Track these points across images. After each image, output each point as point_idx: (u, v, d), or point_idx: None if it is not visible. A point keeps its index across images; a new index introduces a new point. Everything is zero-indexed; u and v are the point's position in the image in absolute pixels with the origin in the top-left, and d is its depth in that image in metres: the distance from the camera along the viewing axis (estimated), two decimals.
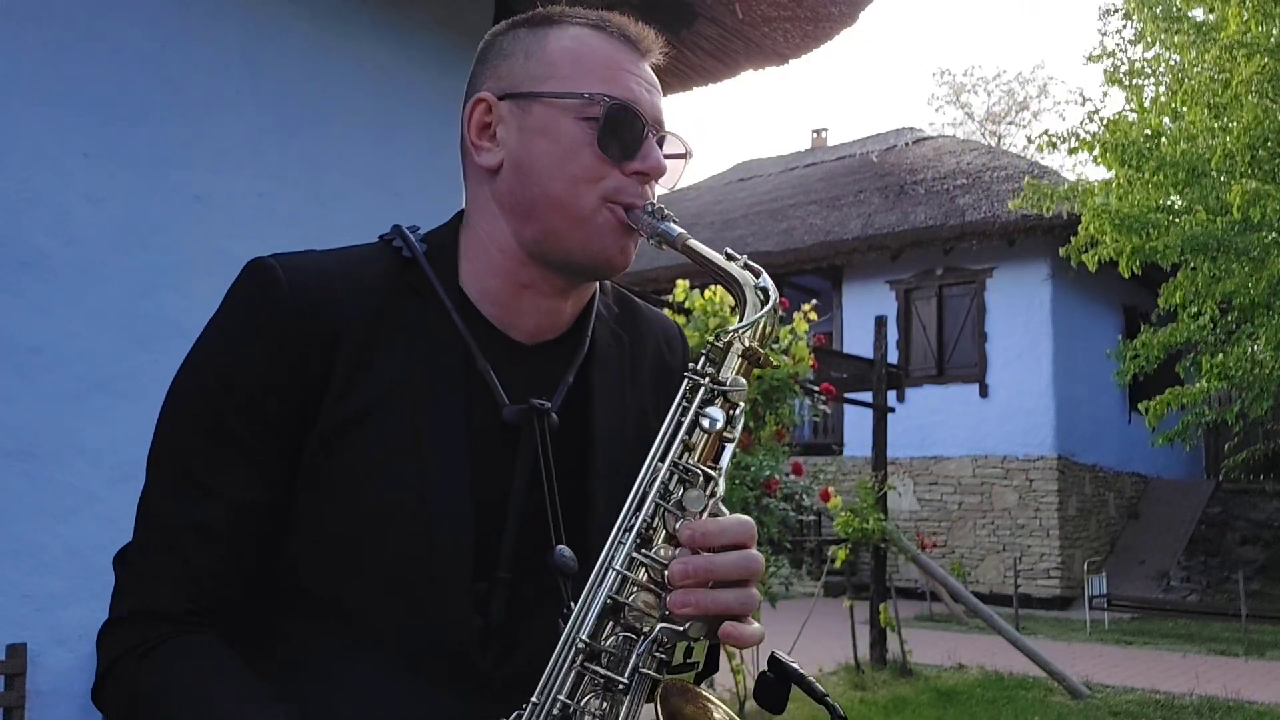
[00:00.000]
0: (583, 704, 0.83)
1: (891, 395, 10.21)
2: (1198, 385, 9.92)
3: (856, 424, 13.23)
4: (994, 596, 11.77)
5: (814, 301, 6.49)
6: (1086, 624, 11.04)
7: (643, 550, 0.86)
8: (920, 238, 13.61)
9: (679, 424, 0.89)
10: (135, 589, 0.93)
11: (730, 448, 0.91)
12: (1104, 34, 10.94)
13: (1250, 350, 9.46)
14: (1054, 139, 9.99)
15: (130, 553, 0.94)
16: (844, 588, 9.48)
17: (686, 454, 0.89)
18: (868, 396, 9.21)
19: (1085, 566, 12.46)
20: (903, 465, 13.44)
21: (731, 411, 0.90)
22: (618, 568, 0.86)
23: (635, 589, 0.85)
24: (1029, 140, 10.55)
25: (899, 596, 8.82)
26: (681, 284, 6.03)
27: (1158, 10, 10.13)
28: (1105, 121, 9.79)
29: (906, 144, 16.67)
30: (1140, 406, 10.33)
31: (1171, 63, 10.23)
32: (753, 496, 5.53)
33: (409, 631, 0.91)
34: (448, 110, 4.26)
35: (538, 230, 0.97)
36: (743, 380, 0.91)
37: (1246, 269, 9.21)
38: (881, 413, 8.91)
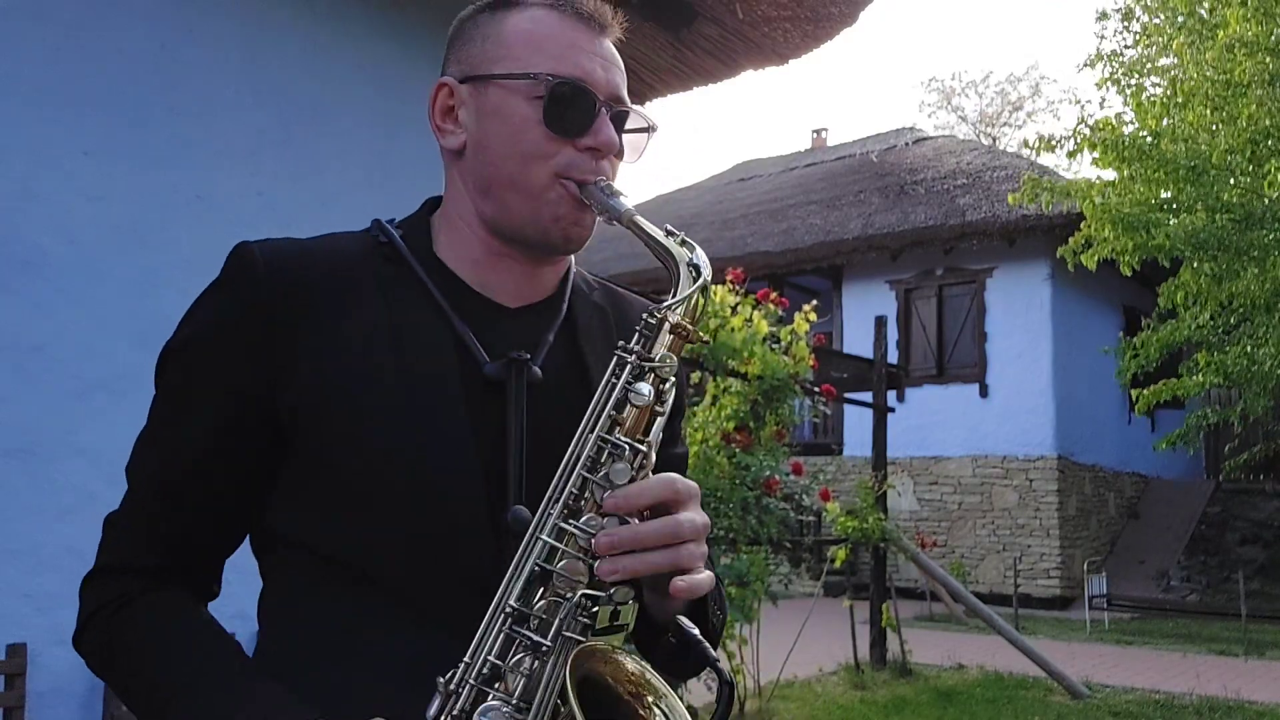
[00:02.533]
0: (511, 664, 0.85)
1: (891, 395, 10.20)
2: (1195, 379, 9.90)
3: (856, 424, 13.23)
4: (994, 596, 11.76)
5: (814, 302, 6.49)
6: (1086, 624, 11.04)
7: (570, 520, 0.88)
8: (920, 238, 13.60)
9: (607, 399, 0.91)
10: (112, 544, 1.00)
11: (660, 421, 0.93)
12: (1101, 37, 10.93)
13: (1250, 350, 9.45)
14: (1050, 143, 9.96)
15: (113, 510, 1.01)
16: (844, 588, 9.48)
17: (615, 428, 0.91)
18: (868, 396, 9.20)
19: (1085, 566, 12.46)
20: (903, 465, 13.43)
21: (661, 386, 0.92)
22: (544, 537, 0.88)
23: (564, 557, 0.87)
24: (1025, 144, 10.51)
25: (899, 596, 8.82)
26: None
27: (1159, 9, 10.13)
28: (1102, 123, 9.76)
29: (906, 144, 16.67)
30: (1133, 394, 10.31)
31: (1171, 62, 10.23)
32: (753, 496, 5.53)
33: (426, 584, 0.93)
34: None
35: (495, 208, 1.01)
36: (673, 356, 0.94)
37: (1250, 269, 9.20)
38: (881, 413, 8.90)
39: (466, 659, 0.86)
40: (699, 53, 4.73)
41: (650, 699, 0.88)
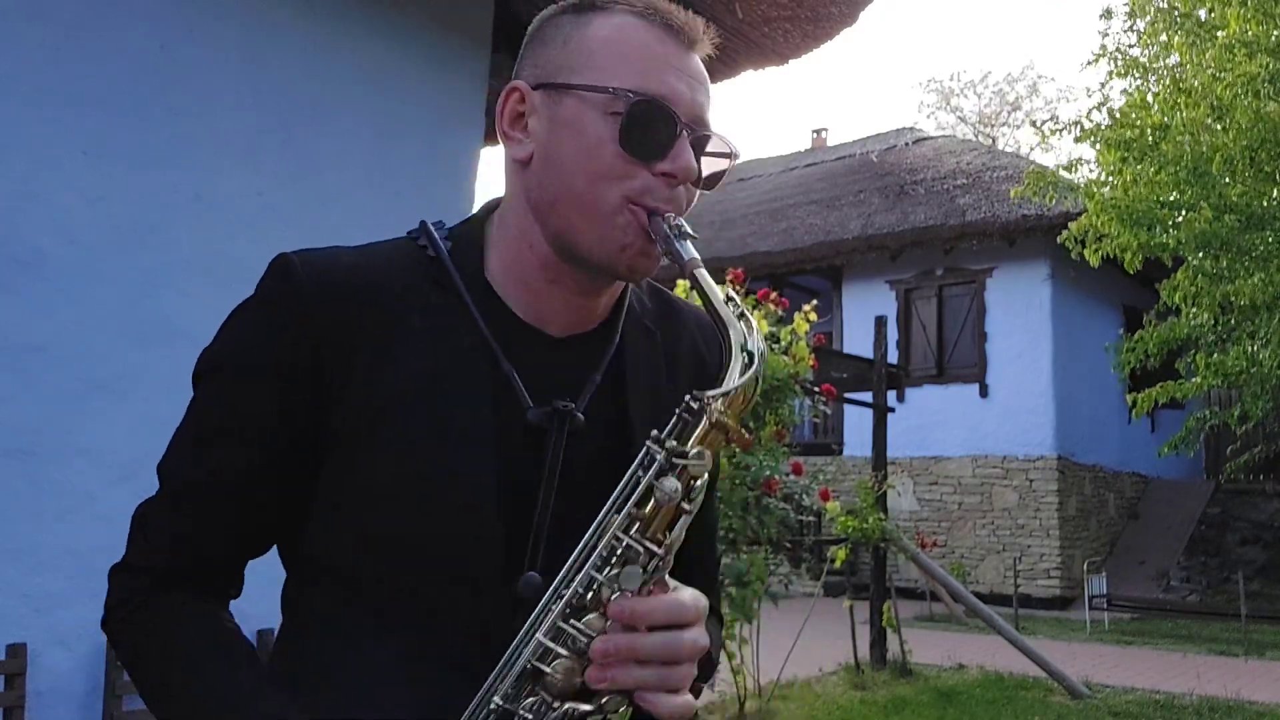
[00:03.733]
0: None
1: (891, 395, 10.21)
2: (1193, 381, 9.90)
3: (856, 424, 13.23)
4: (994, 596, 11.76)
5: (814, 302, 6.49)
6: (1086, 624, 11.03)
7: (571, 620, 0.84)
8: (920, 238, 13.60)
9: (630, 493, 0.86)
10: (140, 541, 0.97)
11: (686, 520, 0.86)
12: (1105, 35, 10.90)
13: (1250, 350, 9.44)
14: (1058, 127, 9.96)
15: (146, 503, 0.99)
16: (844, 588, 9.48)
17: (634, 525, 0.85)
18: (868, 396, 9.20)
19: (1085, 566, 12.46)
20: (903, 465, 13.43)
21: (691, 483, 0.85)
22: (541, 637, 0.84)
23: (558, 659, 0.84)
24: (1033, 125, 10.49)
25: (899, 596, 8.82)
26: (681, 284, 6.01)
27: (1160, 9, 10.13)
28: (1111, 112, 9.76)
29: (906, 144, 16.67)
30: (1129, 398, 10.30)
31: (1172, 62, 10.22)
32: (753, 496, 5.53)
33: (434, 631, 0.92)
34: (448, 110, 4.29)
35: (559, 226, 0.95)
36: (707, 454, 0.86)
37: (1251, 270, 9.20)
38: (881, 413, 8.90)
39: None
40: None
41: None
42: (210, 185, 3.38)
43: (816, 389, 6.40)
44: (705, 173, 0.98)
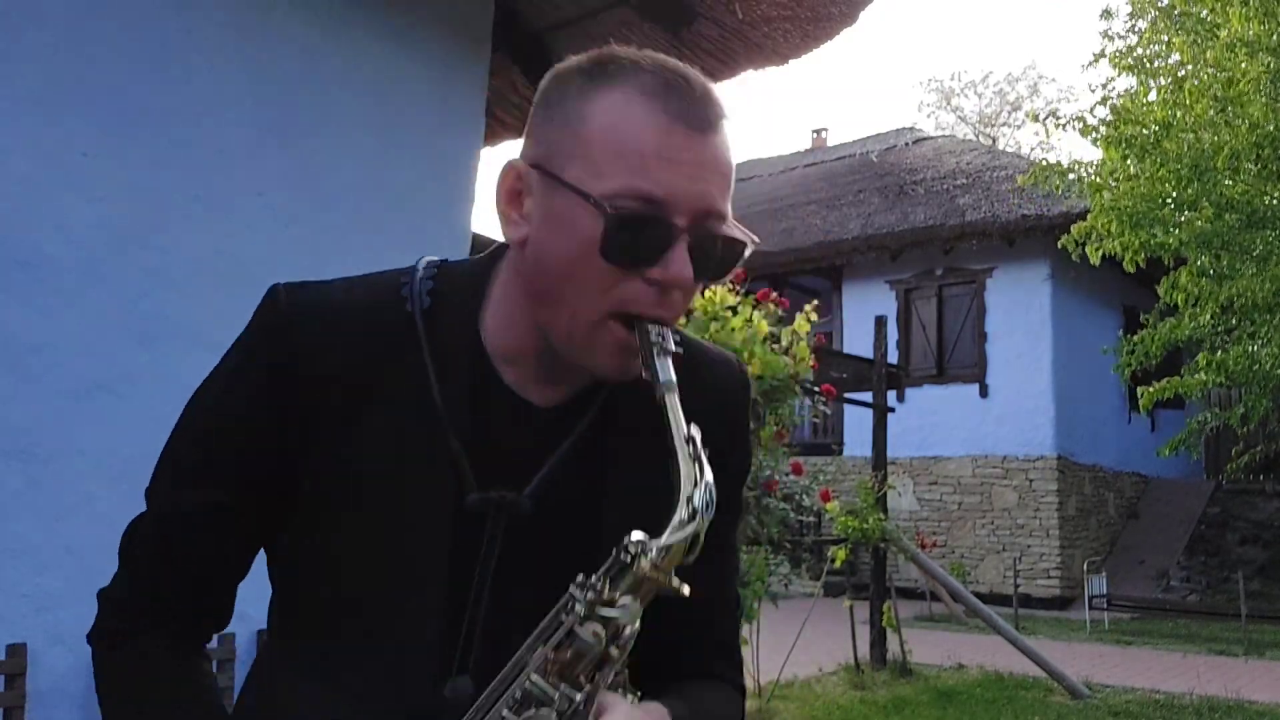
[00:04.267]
0: None
1: (891, 395, 10.21)
2: (1196, 378, 9.90)
3: (856, 424, 13.23)
4: (994, 596, 11.76)
5: (814, 302, 6.48)
6: (1086, 624, 11.03)
7: None
8: (920, 238, 13.61)
9: (550, 634, 0.81)
10: (123, 565, 0.99)
11: (612, 668, 0.81)
12: (1108, 36, 10.88)
13: (1251, 350, 9.44)
14: (1060, 121, 9.96)
15: (136, 524, 1.00)
16: (844, 588, 9.48)
17: (551, 668, 0.80)
18: (868, 396, 9.20)
19: (1085, 566, 12.45)
20: (903, 465, 13.43)
21: (620, 631, 0.80)
22: None
23: None
24: (1034, 118, 10.48)
25: (899, 596, 8.82)
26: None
27: (1161, 8, 10.13)
28: (1116, 106, 9.75)
29: (906, 144, 16.67)
30: (1138, 390, 10.29)
31: (1173, 61, 10.23)
32: (753, 496, 5.53)
33: (370, 700, 0.90)
34: (447, 110, 4.28)
35: (543, 322, 0.91)
36: (636, 605, 0.80)
37: (1251, 270, 9.20)
38: (881, 413, 8.90)
39: None
40: (699, 53, 4.73)
41: None
42: (211, 186, 3.38)
43: (816, 389, 6.39)
44: (721, 254, 0.90)
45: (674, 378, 0.84)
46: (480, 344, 0.94)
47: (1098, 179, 9.97)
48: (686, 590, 0.80)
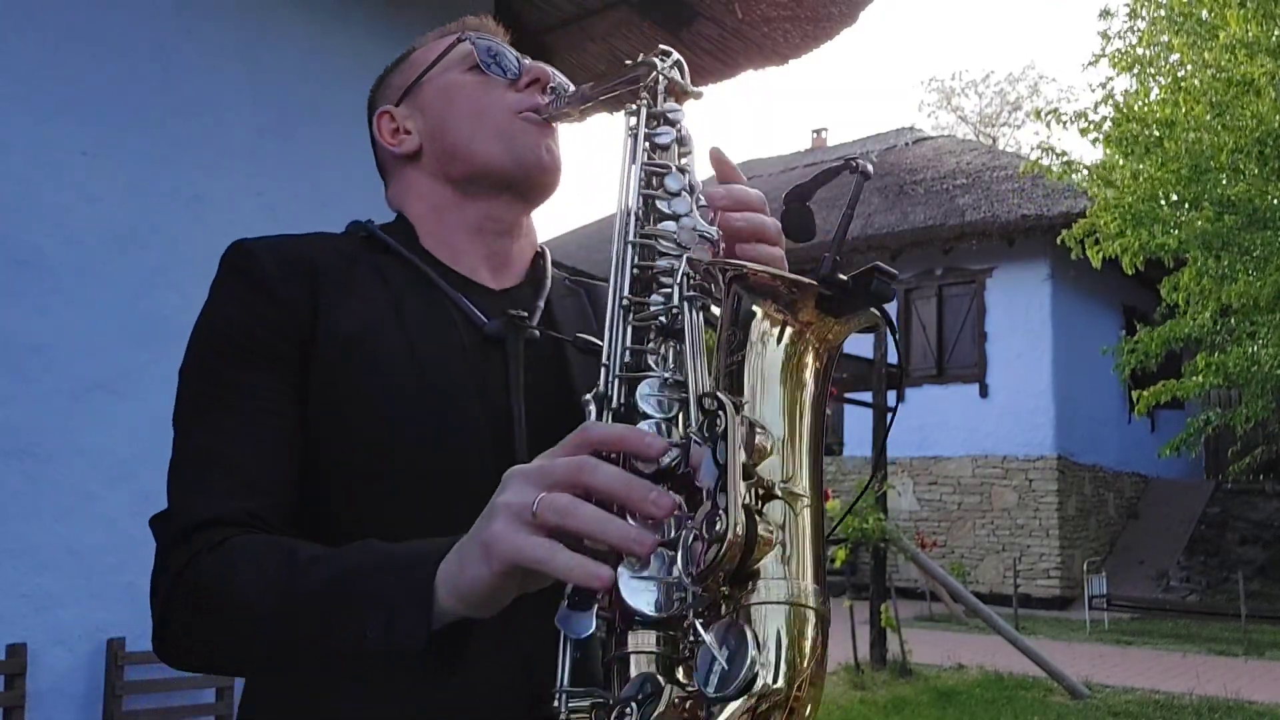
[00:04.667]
0: (647, 347, 0.84)
1: (891, 395, 10.21)
2: (1194, 380, 9.90)
3: (856, 424, 13.23)
4: (994, 596, 11.76)
5: None
6: (1086, 624, 11.04)
7: (645, 229, 0.91)
8: (920, 238, 13.61)
9: (636, 140, 0.96)
10: (188, 507, 0.90)
11: (691, 160, 0.98)
12: (1107, 36, 10.88)
13: (1251, 350, 9.44)
14: (1063, 117, 9.94)
15: (173, 493, 0.93)
16: (844, 588, 9.48)
17: (652, 159, 0.95)
18: (868, 396, 9.20)
19: (1085, 566, 12.46)
20: (903, 465, 13.44)
21: (680, 131, 0.98)
22: (630, 239, 0.89)
23: (662, 255, 0.88)
24: (1036, 114, 10.46)
25: (899, 596, 8.82)
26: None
27: (1161, 8, 10.13)
28: (1117, 105, 9.74)
29: (906, 144, 16.68)
30: (1134, 395, 10.30)
31: (1172, 61, 10.23)
32: None
33: (430, 520, 0.87)
34: None
35: (470, 167, 1.07)
36: (678, 107, 0.99)
37: (1251, 269, 9.20)
38: (881, 413, 8.91)
39: (603, 361, 0.83)
40: (699, 53, 4.73)
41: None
42: (210, 185, 3.38)
43: None
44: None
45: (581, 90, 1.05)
46: (428, 252, 1.07)
47: (1098, 177, 9.97)
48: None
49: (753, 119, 54.24)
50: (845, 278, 0.74)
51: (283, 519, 0.91)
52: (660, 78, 1.00)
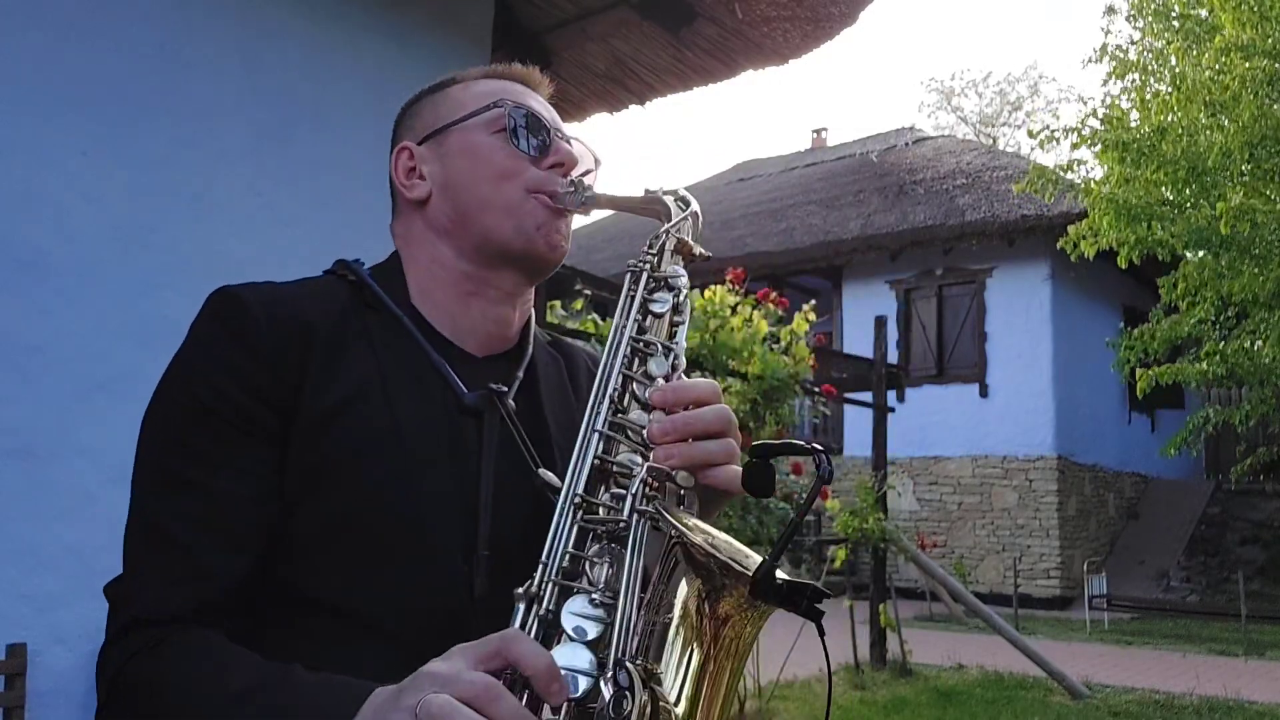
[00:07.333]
0: (589, 553, 0.84)
1: (891, 395, 10.21)
2: (1197, 367, 9.89)
3: (856, 424, 13.23)
4: (994, 596, 11.77)
5: (813, 301, 6.49)
6: (1086, 624, 11.04)
7: (619, 415, 0.91)
8: (920, 238, 13.61)
9: (630, 309, 0.97)
10: (135, 598, 0.90)
11: (683, 330, 0.98)
12: (1108, 33, 10.89)
13: (1250, 346, 9.44)
14: (1054, 134, 9.96)
15: (125, 569, 0.93)
16: (844, 588, 9.48)
17: (643, 333, 0.96)
18: (868, 396, 9.20)
19: (1085, 566, 12.46)
20: (903, 465, 13.44)
21: (677, 298, 0.99)
22: (599, 428, 0.90)
23: (620, 448, 0.89)
24: (1030, 134, 10.52)
25: (899, 596, 8.82)
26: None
27: (1158, 9, 10.14)
28: (1106, 117, 9.76)
29: (906, 144, 16.68)
30: (1136, 373, 10.28)
31: (1170, 62, 10.24)
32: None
33: (401, 612, 0.92)
34: None
35: (474, 234, 1.05)
36: (681, 270, 1.00)
37: (1250, 267, 9.20)
38: (881, 413, 8.90)
39: (543, 559, 0.84)
40: (698, 52, 4.73)
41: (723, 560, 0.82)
42: (210, 185, 3.38)
43: (816, 389, 6.40)
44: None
45: (598, 191, 1.07)
46: (416, 310, 1.06)
47: (1094, 183, 9.98)
48: (709, 252, 1.04)
49: (753, 119, 54.26)
50: (782, 583, 0.76)
51: (236, 600, 0.92)
52: (669, 236, 1.02)
